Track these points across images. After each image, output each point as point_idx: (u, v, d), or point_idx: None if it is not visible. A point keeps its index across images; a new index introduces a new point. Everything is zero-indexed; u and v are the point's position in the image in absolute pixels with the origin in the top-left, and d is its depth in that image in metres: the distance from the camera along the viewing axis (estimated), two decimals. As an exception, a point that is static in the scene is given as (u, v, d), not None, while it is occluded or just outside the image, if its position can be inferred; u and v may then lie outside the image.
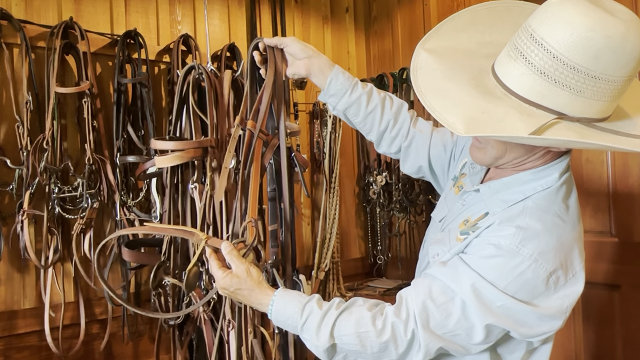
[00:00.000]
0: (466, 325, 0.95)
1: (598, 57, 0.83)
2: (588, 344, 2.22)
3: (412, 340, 0.97)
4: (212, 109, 1.65)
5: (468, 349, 0.98)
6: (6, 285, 1.86)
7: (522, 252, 0.93)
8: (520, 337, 0.98)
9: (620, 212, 2.11)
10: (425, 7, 2.69)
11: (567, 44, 0.84)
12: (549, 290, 0.94)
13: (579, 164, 2.23)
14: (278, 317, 1.06)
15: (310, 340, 1.03)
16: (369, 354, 1.00)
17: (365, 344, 0.99)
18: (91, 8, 2.07)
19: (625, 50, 0.83)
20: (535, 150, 0.99)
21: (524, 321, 0.94)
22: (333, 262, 2.68)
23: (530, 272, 0.93)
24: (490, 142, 1.00)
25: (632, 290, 2.08)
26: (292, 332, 1.09)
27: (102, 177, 1.94)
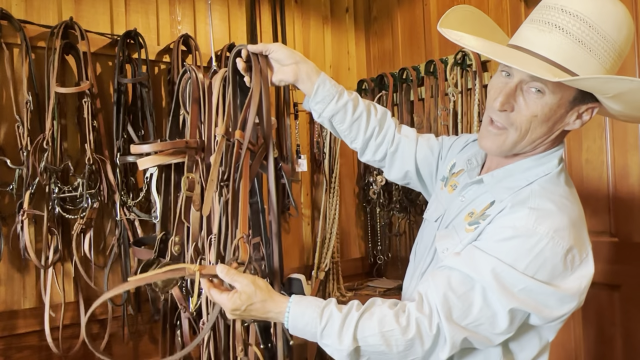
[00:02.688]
0: (489, 313, 0.94)
1: (621, 29, 0.94)
2: (588, 344, 2.22)
3: (437, 335, 0.95)
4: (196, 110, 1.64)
5: (492, 339, 0.97)
6: (6, 285, 1.86)
7: (538, 231, 0.94)
8: (541, 321, 0.98)
9: (620, 212, 2.11)
10: (425, 7, 2.70)
11: (599, 14, 0.92)
12: (566, 270, 0.96)
13: (579, 164, 2.23)
14: (296, 324, 1.02)
15: (332, 346, 0.99)
16: (394, 354, 0.97)
17: (390, 343, 0.96)
18: (91, 8, 2.07)
19: (632, 27, 0.96)
20: (554, 129, 1.02)
21: (546, 303, 0.95)
22: (333, 262, 2.68)
23: (548, 250, 0.94)
24: (516, 123, 1.00)
25: (632, 290, 2.08)
26: (311, 340, 1.03)
27: (102, 177, 1.94)
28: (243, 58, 1.26)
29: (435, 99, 2.48)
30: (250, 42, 2.55)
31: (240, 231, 1.14)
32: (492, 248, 0.96)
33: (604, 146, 2.15)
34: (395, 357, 0.97)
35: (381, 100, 2.78)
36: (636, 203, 2.06)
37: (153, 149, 1.64)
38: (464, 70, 2.34)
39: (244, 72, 1.27)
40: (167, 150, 1.61)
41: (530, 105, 0.98)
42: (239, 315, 1.04)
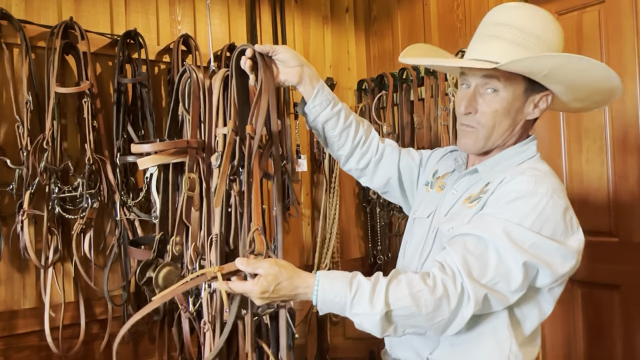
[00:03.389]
0: (504, 270, 1.02)
1: (547, 28, 1.13)
2: (588, 344, 2.22)
3: (462, 293, 1.01)
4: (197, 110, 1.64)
5: (508, 297, 1.04)
6: (6, 285, 1.86)
7: (539, 191, 1.06)
8: (548, 279, 1.07)
9: (620, 212, 2.11)
10: (425, 7, 2.70)
11: (526, 19, 1.12)
12: (567, 229, 1.06)
13: (578, 164, 2.23)
14: (325, 296, 1.03)
15: (364, 313, 1.01)
16: (423, 315, 1.00)
17: (419, 303, 1.00)
18: (91, 8, 2.07)
19: (556, 25, 1.17)
20: (517, 121, 1.16)
21: (552, 259, 1.04)
22: (333, 262, 2.68)
23: (550, 208, 1.05)
24: (482, 121, 1.14)
25: (632, 290, 2.08)
26: (339, 312, 1.03)
27: (102, 177, 1.94)
28: (248, 56, 1.27)
29: (435, 99, 2.48)
30: (250, 42, 2.55)
31: (254, 223, 1.16)
32: (499, 211, 1.06)
33: (604, 146, 2.15)
34: (424, 319, 1.01)
35: (381, 100, 2.78)
36: (636, 203, 2.06)
37: (154, 148, 1.63)
38: (464, 70, 2.34)
39: (249, 70, 1.28)
40: (168, 150, 1.61)
41: (489, 104, 1.13)
42: (268, 298, 1.04)
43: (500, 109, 1.13)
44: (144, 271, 1.61)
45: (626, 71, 2.07)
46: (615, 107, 2.11)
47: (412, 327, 1.04)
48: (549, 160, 2.33)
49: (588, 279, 2.21)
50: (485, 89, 1.13)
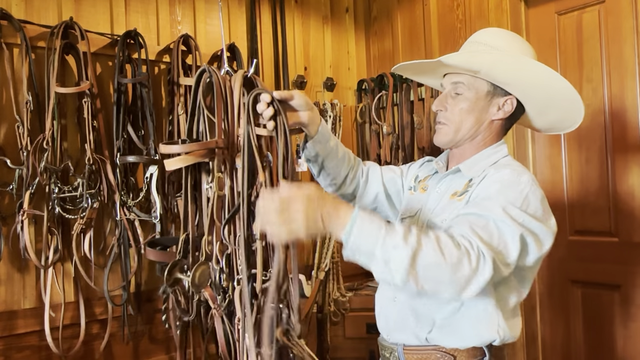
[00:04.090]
0: (504, 241, 1.10)
1: (505, 39, 1.34)
2: (588, 344, 2.22)
3: (479, 254, 1.05)
4: (221, 110, 1.66)
5: (503, 269, 1.11)
6: (6, 285, 1.86)
7: (522, 180, 1.20)
8: (536, 254, 1.16)
9: (620, 212, 2.11)
10: (425, 7, 2.69)
11: (492, 37, 1.34)
12: (545, 214, 1.18)
13: (578, 164, 2.23)
14: (363, 224, 1.01)
15: (396, 246, 1.00)
16: (447, 265, 1.02)
17: (445, 252, 1.03)
18: (91, 8, 2.07)
19: (515, 38, 1.37)
20: (482, 119, 1.32)
21: (538, 236, 1.15)
22: (333, 262, 2.68)
23: (532, 194, 1.18)
24: (450, 117, 1.32)
25: (632, 290, 2.08)
26: (368, 250, 1.02)
27: (102, 177, 1.94)
28: (267, 101, 1.26)
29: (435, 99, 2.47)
30: (250, 42, 2.55)
31: None
32: (492, 195, 1.18)
33: (604, 146, 2.15)
34: (448, 270, 1.03)
35: (381, 100, 2.78)
36: (636, 203, 2.06)
37: (185, 149, 1.64)
38: (464, 70, 2.35)
39: (268, 119, 1.27)
40: (199, 150, 1.61)
41: (456, 103, 1.32)
42: (304, 208, 0.99)
43: (465, 107, 1.31)
44: (171, 272, 1.63)
45: (626, 71, 2.07)
46: (616, 107, 2.11)
47: (433, 281, 1.04)
48: (549, 160, 2.34)
49: (588, 279, 2.21)
50: (454, 92, 1.33)
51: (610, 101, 2.12)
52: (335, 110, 2.71)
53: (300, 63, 2.78)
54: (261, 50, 2.59)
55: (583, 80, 2.21)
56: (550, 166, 2.33)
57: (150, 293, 2.15)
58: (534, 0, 2.36)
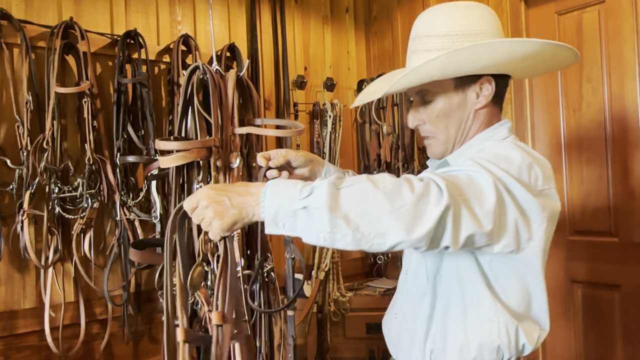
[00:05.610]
0: (476, 188, 0.94)
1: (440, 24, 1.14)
2: (588, 344, 2.22)
3: (428, 184, 0.89)
4: (217, 109, 1.65)
5: (482, 220, 0.92)
6: (6, 285, 1.85)
7: (504, 143, 1.09)
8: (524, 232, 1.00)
9: (620, 212, 2.11)
10: (426, 7, 2.69)
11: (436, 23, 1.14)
12: (530, 183, 1.01)
13: (579, 164, 2.23)
14: (276, 187, 0.91)
15: (313, 187, 0.88)
16: (380, 193, 0.86)
17: (377, 182, 0.88)
18: (91, 8, 2.07)
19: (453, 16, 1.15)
20: (465, 114, 1.15)
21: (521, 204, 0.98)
22: (333, 262, 2.68)
23: (516, 154, 1.02)
24: (432, 128, 1.18)
25: (632, 290, 2.08)
26: (287, 208, 0.88)
27: (102, 177, 1.94)
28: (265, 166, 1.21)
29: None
30: (250, 42, 2.55)
31: None
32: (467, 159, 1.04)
33: (604, 146, 2.15)
34: (382, 198, 0.86)
35: (381, 100, 2.78)
36: (636, 203, 2.06)
37: (182, 147, 1.62)
38: (464, 70, 2.35)
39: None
40: (196, 148, 1.60)
41: (430, 112, 1.17)
42: (212, 197, 0.91)
43: (441, 113, 1.16)
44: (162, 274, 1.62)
45: (626, 71, 2.08)
46: (616, 107, 2.11)
47: (368, 217, 0.86)
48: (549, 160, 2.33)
49: (588, 279, 2.21)
50: (422, 101, 1.19)
51: (610, 101, 2.12)
52: (335, 110, 2.71)
53: (300, 63, 2.78)
54: (261, 50, 2.59)
55: (583, 80, 2.21)
56: (550, 166, 2.33)
57: (150, 293, 2.15)
58: (534, 0, 2.36)
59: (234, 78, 1.57)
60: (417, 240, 0.86)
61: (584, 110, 2.21)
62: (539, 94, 2.36)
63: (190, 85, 1.74)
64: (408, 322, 1.19)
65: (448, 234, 0.88)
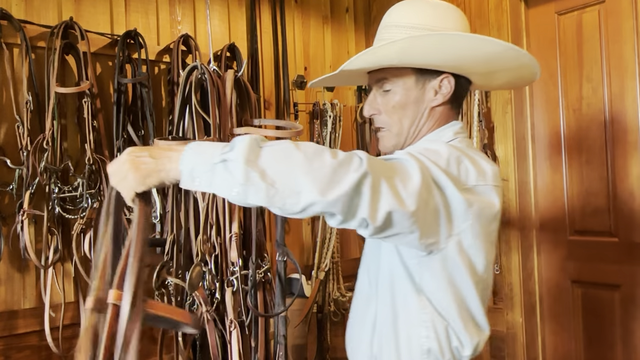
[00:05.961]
0: (402, 169, 0.94)
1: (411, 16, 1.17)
2: (588, 344, 2.22)
3: (351, 156, 0.88)
4: (215, 108, 1.65)
5: (405, 200, 0.90)
6: (6, 285, 1.85)
7: (436, 143, 1.08)
8: (444, 223, 0.99)
9: (620, 212, 2.11)
10: (425, 7, 2.69)
11: (397, 15, 1.19)
12: (459, 177, 1.00)
13: (578, 164, 2.23)
14: (201, 146, 0.89)
15: (235, 144, 0.86)
16: (301, 155, 0.85)
17: (299, 146, 0.87)
18: (91, 8, 2.07)
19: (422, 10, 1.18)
20: (420, 110, 1.15)
21: (446, 196, 0.98)
22: (333, 262, 2.68)
23: (444, 148, 1.03)
24: (386, 119, 1.16)
25: (632, 290, 2.08)
26: (204, 168, 0.86)
27: (102, 177, 1.94)
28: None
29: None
30: (250, 42, 2.55)
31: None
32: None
33: (604, 146, 2.15)
34: (301, 159, 0.85)
35: (381, 100, 2.78)
36: (636, 203, 2.06)
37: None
38: (464, 70, 2.35)
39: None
40: None
41: (387, 102, 1.15)
42: (129, 161, 0.89)
43: (397, 104, 1.14)
44: (159, 274, 1.63)
45: (626, 71, 2.08)
46: (616, 107, 2.11)
47: (285, 174, 0.85)
48: (549, 160, 2.34)
49: (588, 279, 2.21)
50: (381, 91, 1.17)
51: (610, 101, 2.12)
52: (335, 110, 2.71)
53: (300, 63, 2.78)
54: (261, 50, 2.59)
55: (583, 80, 2.21)
56: (550, 166, 2.33)
57: (150, 293, 2.14)
58: (534, 0, 2.36)
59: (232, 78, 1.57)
60: (331, 203, 0.84)
61: (584, 110, 2.21)
62: (539, 94, 2.36)
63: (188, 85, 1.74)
64: (356, 328, 1.19)
65: (365, 204, 0.86)
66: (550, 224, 2.33)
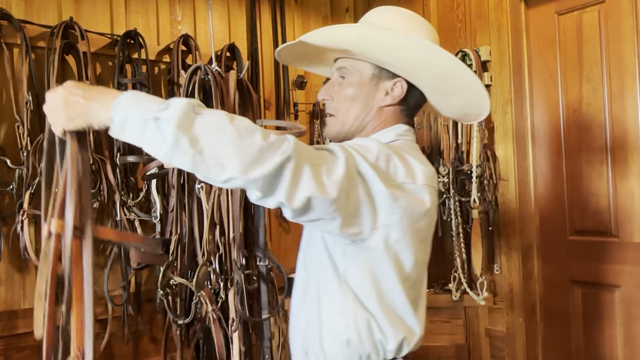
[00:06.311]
0: (328, 158, 0.95)
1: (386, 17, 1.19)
2: (588, 344, 2.22)
3: (282, 138, 0.91)
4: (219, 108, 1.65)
5: (327, 188, 0.92)
6: (6, 285, 1.86)
7: (368, 140, 1.08)
8: (368, 213, 0.99)
9: (620, 212, 2.11)
10: (425, 7, 2.69)
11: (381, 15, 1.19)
12: (389, 173, 1.01)
13: (579, 164, 2.23)
14: (138, 96, 0.90)
15: (172, 103, 0.87)
16: (234, 129, 0.87)
17: (233, 119, 0.89)
18: (91, 8, 2.07)
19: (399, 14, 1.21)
20: (369, 106, 1.16)
21: (365, 176, 0.98)
22: (333, 262, 2.68)
23: (375, 144, 1.04)
24: (336, 106, 1.18)
25: (632, 290, 2.08)
26: (139, 117, 0.86)
27: (102, 177, 1.94)
28: None
29: (435, 99, 2.48)
30: (250, 42, 2.55)
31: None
32: None
33: (604, 146, 2.15)
34: (233, 133, 0.87)
35: (381, 100, 2.78)
36: (636, 203, 2.06)
37: None
38: (464, 70, 2.35)
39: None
40: None
41: (341, 90, 1.18)
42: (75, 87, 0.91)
43: (350, 94, 1.17)
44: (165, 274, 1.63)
45: (626, 71, 2.08)
46: (616, 107, 2.11)
47: (213, 144, 0.86)
48: (549, 160, 2.34)
49: (588, 279, 2.21)
50: (339, 79, 1.19)
51: (610, 101, 2.12)
52: (335, 110, 2.71)
53: (300, 63, 2.78)
54: (261, 50, 2.59)
55: (583, 80, 2.21)
56: (550, 166, 2.33)
57: (150, 293, 2.15)
58: (534, 0, 2.36)
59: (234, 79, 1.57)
60: (252, 181, 0.87)
61: (584, 110, 2.21)
62: (539, 94, 2.36)
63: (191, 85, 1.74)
64: (294, 319, 1.19)
65: (284, 186, 0.89)
66: (550, 224, 2.33)
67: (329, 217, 0.95)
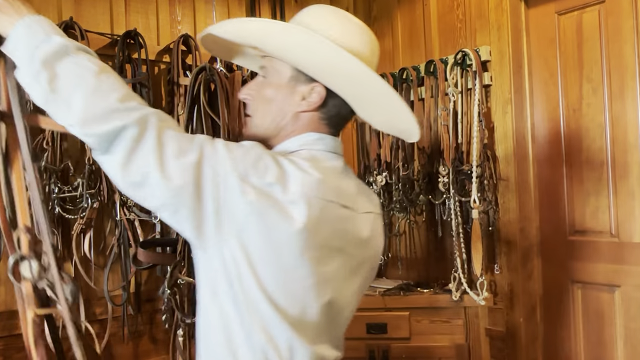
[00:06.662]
0: (184, 141, 0.92)
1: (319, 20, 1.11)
2: (588, 344, 2.22)
3: (141, 107, 0.90)
4: (224, 109, 1.66)
5: (169, 169, 0.88)
6: (6, 285, 1.86)
7: (286, 150, 1.05)
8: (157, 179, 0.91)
9: (620, 212, 2.11)
10: (425, 7, 2.69)
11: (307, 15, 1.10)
12: (257, 171, 0.93)
13: (579, 164, 2.23)
14: (44, 21, 0.97)
15: (43, 46, 0.90)
16: (96, 82, 0.88)
17: (103, 72, 0.89)
18: (91, 8, 2.07)
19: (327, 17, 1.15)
20: (284, 111, 1.08)
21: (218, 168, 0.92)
22: (333, 262, 2.68)
23: (249, 144, 0.98)
24: (253, 106, 1.10)
25: (632, 290, 2.08)
26: (29, 42, 0.92)
27: (102, 177, 1.94)
28: None
29: (435, 99, 2.48)
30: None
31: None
32: None
33: (604, 146, 2.15)
34: (93, 85, 0.88)
35: (381, 100, 2.78)
36: (636, 203, 2.07)
37: None
38: (464, 70, 2.35)
39: None
40: None
41: (259, 89, 1.10)
42: None
43: (267, 96, 1.08)
44: (172, 274, 1.63)
45: (626, 71, 2.08)
46: (615, 107, 2.11)
47: (70, 89, 0.88)
48: (549, 160, 2.34)
49: (588, 279, 2.22)
50: (260, 77, 1.12)
51: (610, 101, 2.12)
52: (335, 110, 2.71)
53: (300, 63, 2.78)
54: (261, 50, 2.59)
55: (583, 80, 2.21)
56: (550, 166, 2.33)
57: (150, 293, 2.15)
58: (534, 0, 2.37)
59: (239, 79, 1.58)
60: (86, 134, 0.88)
61: (584, 110, 2.21)
62: (539, 94, 2.37)
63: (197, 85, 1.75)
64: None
65: (119, 149, 0.87)
66: (550, 224, 2.33)
67: (169, 202, 0.90)
